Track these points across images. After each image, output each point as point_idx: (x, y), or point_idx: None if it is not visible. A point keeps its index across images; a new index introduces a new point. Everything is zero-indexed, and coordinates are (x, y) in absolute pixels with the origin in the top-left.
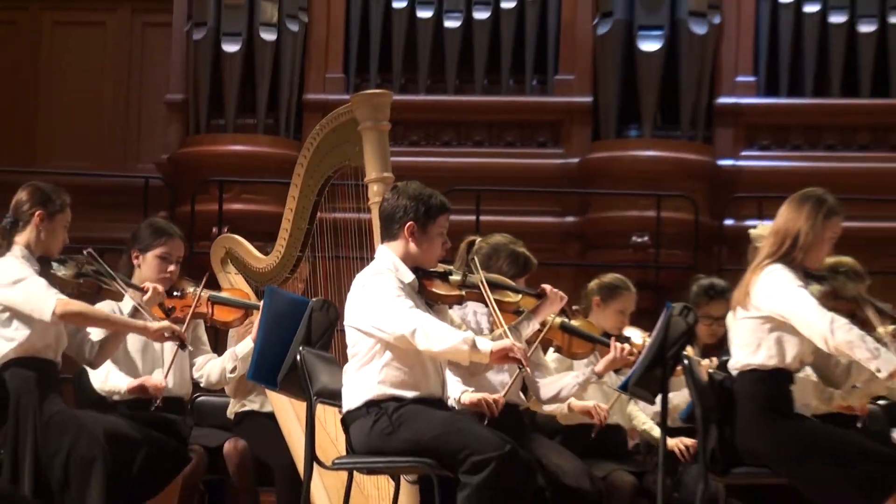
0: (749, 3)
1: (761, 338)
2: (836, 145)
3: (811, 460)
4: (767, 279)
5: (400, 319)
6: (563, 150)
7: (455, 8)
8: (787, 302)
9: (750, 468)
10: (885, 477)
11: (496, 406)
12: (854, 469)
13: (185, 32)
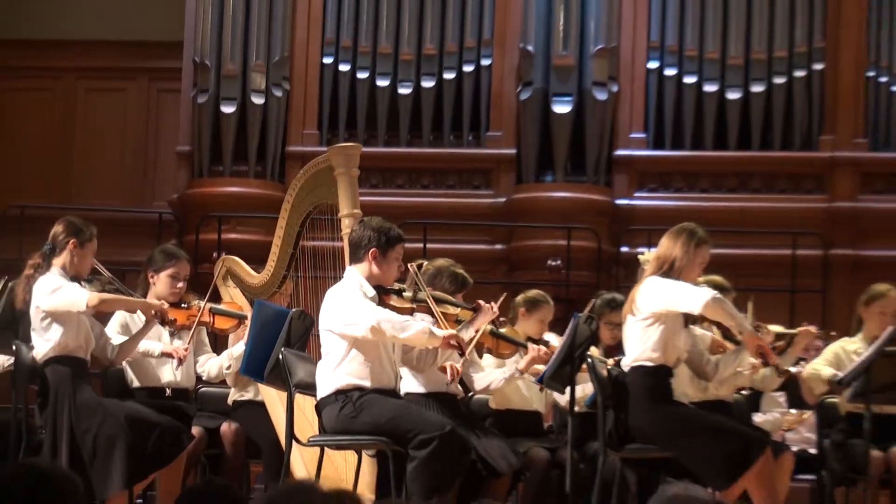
0: (640, 75)
1: (647, 339)
2: (709, 188)
3: (688, 438)
4: (648, 286)
5: (369, 315)
6: (492, 192)
7: (407, 78)
8: (667, 293)
9: (640, 444)
10: (747, 450)
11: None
12: (722, 444)
13: (192, 97)
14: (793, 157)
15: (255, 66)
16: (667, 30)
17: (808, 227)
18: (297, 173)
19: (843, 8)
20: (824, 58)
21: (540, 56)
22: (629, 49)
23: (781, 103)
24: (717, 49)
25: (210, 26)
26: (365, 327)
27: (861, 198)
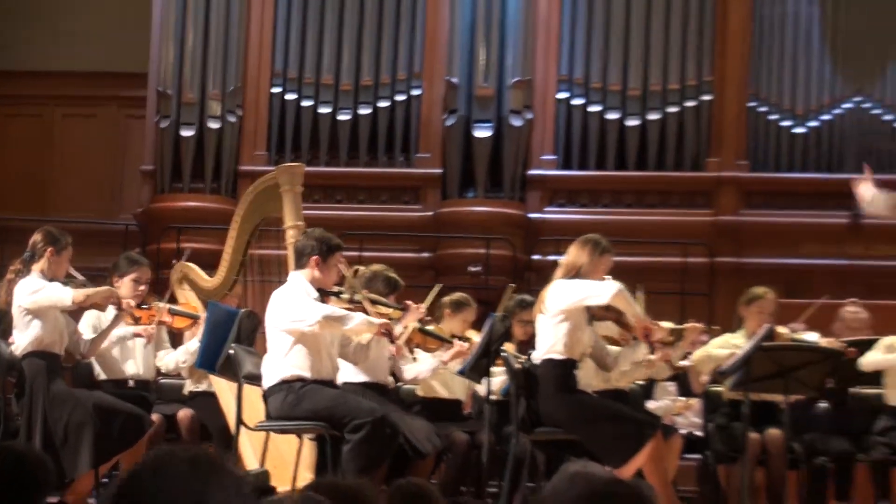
0: (551, 104)
1: (556, 335)
2: (610, 203)
3: (589, 422)
4: (556, 287)
5: (316, 311)
6: (421, 206)
7: (346, 106)
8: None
9: (548, 428)
10: (640, 433)
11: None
12: (619, 428)
13: (155, 122)
14: (684, 176)
15: (211, 95)
16: (575, 65)
17: (697, 238)
18: (248, 189)
19: (728, 46)
20: (712, 90)
21: (463, 87)
22: (542, 81)
23: (674, 129)
24: (619, 82)
25: (172, 60)
26: (313, 321)
27: (742, 212)
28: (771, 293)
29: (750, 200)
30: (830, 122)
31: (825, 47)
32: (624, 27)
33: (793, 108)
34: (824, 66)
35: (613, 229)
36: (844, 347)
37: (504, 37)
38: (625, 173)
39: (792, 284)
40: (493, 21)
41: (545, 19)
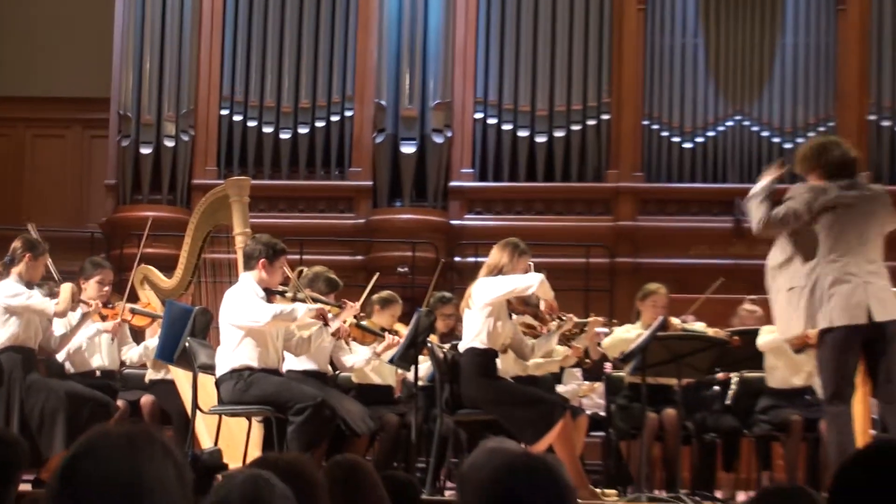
0: (469, 123)
1: (480, 327)
2: (522, 211)
3: (507, 404)
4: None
5: (267, 311)
6: (354, 215)
7: (287, 126)
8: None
9: (469, 410)
10: (551, 413)
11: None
12: (532, 409)
13: (117, 141)
14: (586, 187)
15: (167, 117)
16: (489, 88)
17: (598, 241)
18: (200, 200)
19: (623, 72)
20: (610, 110)
21: (390, 108)
22: (460, 103)
23: (577, 145)
24: (528, 103)
25: (131, 85)
26: (265, 321)
27: (638, 218)
28: (663, 289)
29: (645, 208)
30: (714, 138)
31: (709, 73)
32: (532, 55)
33: (681, 126)
34: (708, 90)
35: (525, 233)
36: (730, 337)
37: (426, 63)
38: (534, 184)
39: (682, 281)
40: (416, 49)
41: (462, 48)
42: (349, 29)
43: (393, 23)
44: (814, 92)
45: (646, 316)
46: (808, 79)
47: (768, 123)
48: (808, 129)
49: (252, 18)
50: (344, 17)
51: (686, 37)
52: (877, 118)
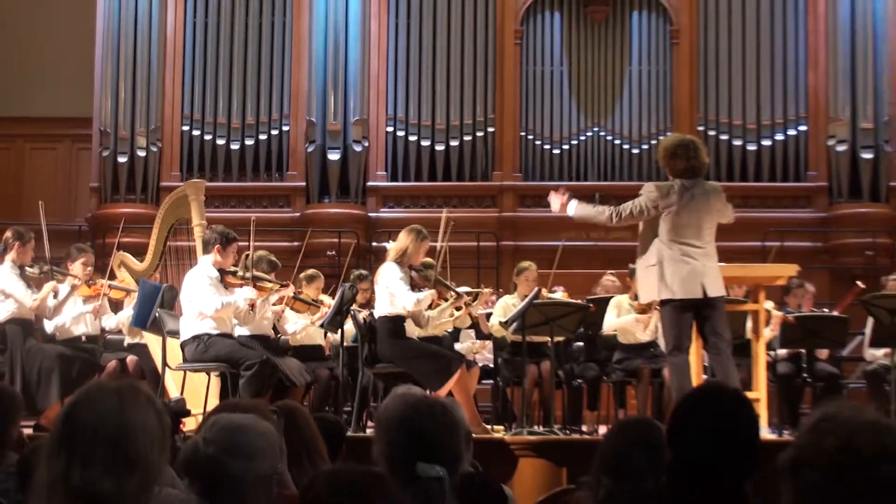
0: (381, 136)
1: (386, 298)
2: (426, 205)
3: (414, 359)
4: (385, 269)
5: (214, 302)
6: (291, 209)
7: (236, 138)
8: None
9: (385, 364)
10: (450, 365)
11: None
12: (435, 362)
13: (99, 153)
14: (476, 185)
15: (139, 133)
16: (398, 107)
17: (487, 229)
18: (166, 199)
19: (505, 93)
20: (494, 124)
21: (319, 124)
22: (375, 119)
23: (469, 152)
24: (429, 119)
25: (109, 108)
26: (213, 309)
27: (518, 210)
28: (534, 266)
29: (523, 202)
30: (577, 145)
31: (572, 94)
32: (431, 80)
33: (551, 137)
34: (572, 107)
35: (428, 223)
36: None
37: (347, 87)
38: (435, 183)
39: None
40: (338, 76)
41: (376, 74)
42: (285, 60)
43: (320, 55)
44: (654, 108)
45: (521, 288)
46: (650, 98)
47: (619, 134)
48: (650, 138)
49: (207, 52)
50: (280, 50)
51: (553, 65)
52: (704, 129)
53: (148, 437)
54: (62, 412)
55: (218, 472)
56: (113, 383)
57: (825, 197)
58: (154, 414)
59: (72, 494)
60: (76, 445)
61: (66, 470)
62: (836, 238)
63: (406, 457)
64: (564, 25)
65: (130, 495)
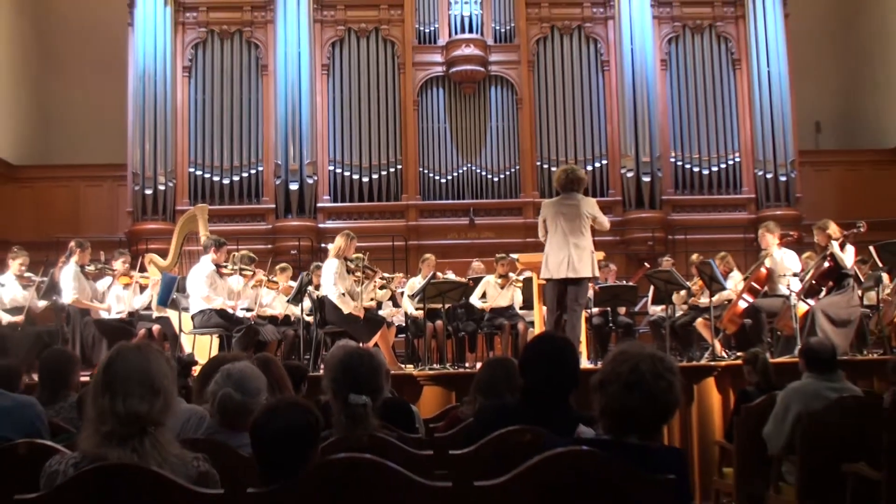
0: (326, 172)
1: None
2: (357, 218)
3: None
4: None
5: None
6: (266, 223)
7: (227, 175)
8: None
9: (332, 326)
10: (375, 324)
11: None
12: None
13: (132, 187)
14: (390, 204)
15: (159, 173)
16: (336, 152)
17: (399, 234)
18: (180, 218)
19: (407, 141)
20: (400, 162)
21: (283, 165)
22: (321, 161)
23: (385, 182)
24: (357, 160)
25: (139, 156)
26: (203, 296)
27: (419, 220)
28: (432, 257)
29: (423, 214)
30: (458, 176)
31: (452, 141)
32: (358, 133)
33: (439, 171)
34: (452, 150)
35: (359, 231)
36: (467, 281)
37: (301, 139)
38: (363, 203)
39: (446, 253)
40: (295, 132)
41: (321, 131)
42: (259, 121)
43: (282, 117)
44: (507, 149)
45: (423, 272)
46: (505, 142)
47: (485, 167)
48: (506, 170)
49: (205, 117)
50: (256, 115)
51: (440, 123)
52: (541, 163)
53: (163, 374)
54: (102, 365)
55: (232, 404)
56: (135, 343)
57: (621, 207)
58: (164, 359)
59: (118, 418)
60: (117, 385)
61: (111, 403)
62: (629, 234)
63: (342, 389)
64: (446, 96)
65: (157, 412)
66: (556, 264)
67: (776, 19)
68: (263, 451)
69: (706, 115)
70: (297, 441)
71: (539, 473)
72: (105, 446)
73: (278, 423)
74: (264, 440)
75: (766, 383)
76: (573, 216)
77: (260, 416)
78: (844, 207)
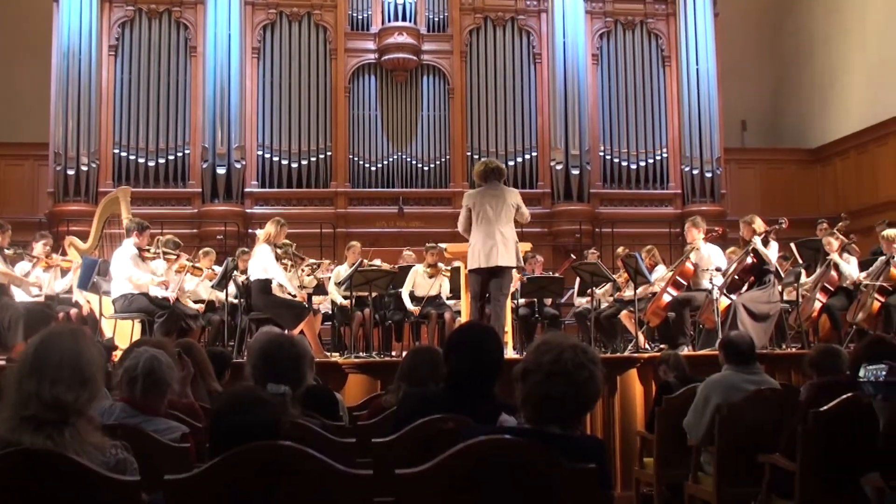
0: (254, 156)
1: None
2: (286, 204)
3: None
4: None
5: (128, 275)
6: (192, 207)
7: (152, 158)
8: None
9: (256, 312)
10: (302, 312)
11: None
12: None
13: (54, 167)
14: (319, 191)
15: (82, 154)
16: (265, 137)
17: (327, 221)
18: (102, 200)
19: (337, 128)
20: (329, 150)
21: (210, 149)
22: (249, 145)
23: (315, 168)
24: (287, 146)
25: (61, 135)
26: (129, 276)
27: (349, 208)
28: (359, 245)
29: (352, 202)
30: (388, 164)
31: (383, 130)
32: (287, 118)
33: (369, 158)
34: (383, 138)
35: (287, 217)
36: (395, 270)
37: (230, 123)
38: (291, 190)
39: (374, 241)
40: (224, 116)
41: (250, 115)
42: (187, 104)
43: (210, 101)
44: (438, 139)
45: (349, 259)
46: (436, 132)
47: (415, 157)
48: (436, 160)
49: (130, 97)
50: (183, 97)
51: (370, 110)
52: (471, 153)
53: (95, 363)
54: (31, 347)
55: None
56: (67, 327)
57: (549, 199)
58: (97, 348)
59: (43, 404)
60: (46, 370)
61: (38, 387)
62: (557, 226)
63: (263, 377)
64: (378, 84)
65: (83, 403)
66: (485, 254)
67: (706, 18)
68: (221, 445)
69: (635, 111)
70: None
71: (460, 461)
72: (21, 431)
73: (243, 418)
74: (226, 434)
75: (683, 377)
76: (499, 205)
77: (223, 407)
78: (767, 204)
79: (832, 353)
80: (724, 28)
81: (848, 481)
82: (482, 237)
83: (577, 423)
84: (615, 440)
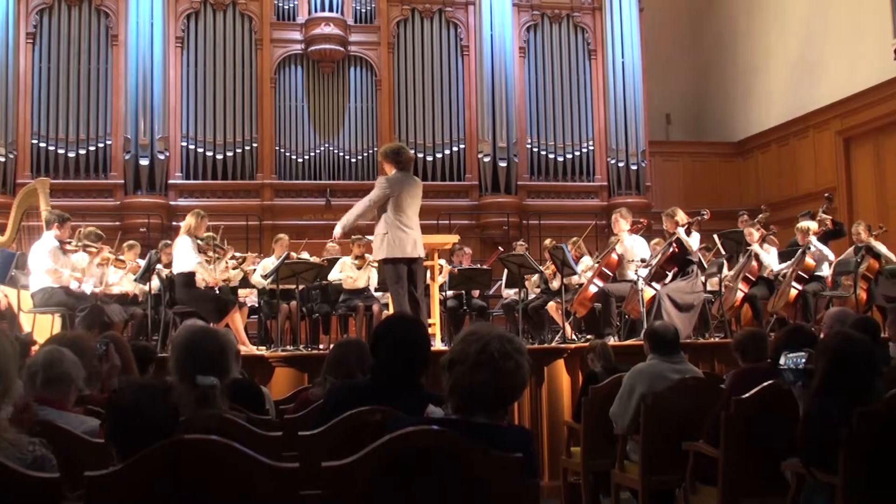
0: (179, 148)
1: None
2: (210, 196)
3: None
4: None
5: (45, 268)
6: (114, 199)
7: (73, 149)
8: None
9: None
10: (227, 305)
11: None
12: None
13: None
14: (245, 183)
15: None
16: (189, 128)
17: (253, 213)
18: (20, 191)
19: (264, 120)
20: (258, 141)
21: (133, 139)
22: (174, 136)
23: (240, 160)
24: (212, 137)
25: None
26: (43, 272)
27: (274, 199)
28: (286, 237)
29: (278, 194)
30: (315, 156)
31: (310, 121)
32: (213, 109)
33: (295, 150)
34: (310, 130)
35: (212, 209)
36: (322, 262)
37: (153, 113)
38: (216, 181)
39: (301, 234)
40: (147, 106)
41: (174, 105)
42: (108, 93)
43: (133, 90)
44: (366, 131)
45: (276, 252)
46: (363, 124)
47: (342, 148)
48: (364, 151)
49: (49, 87)
50: (104, 86)
51: (297, 101)
52: None
53: (8, 357)
54: None
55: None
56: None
57: (476, 191)
58: (10, 343)
59: None
60: None
61: None
62: (485, 218)
63: (189, 370)
64: (304, 75)
65: None
66: (412, 243)
67: (631, 12)
68: (119, 434)
69: (562, 104)
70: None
71: (387, 453)
72: None
73: (138, 406)
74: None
75: (609, 367)
76: (416, 195)
77: (119, 397)
78: (691, 196)
79: (758, 337)
80: (649, 22)
81: (769, 466)
82: (410, 226)
83: (504, 412)
84: (542, 430)
